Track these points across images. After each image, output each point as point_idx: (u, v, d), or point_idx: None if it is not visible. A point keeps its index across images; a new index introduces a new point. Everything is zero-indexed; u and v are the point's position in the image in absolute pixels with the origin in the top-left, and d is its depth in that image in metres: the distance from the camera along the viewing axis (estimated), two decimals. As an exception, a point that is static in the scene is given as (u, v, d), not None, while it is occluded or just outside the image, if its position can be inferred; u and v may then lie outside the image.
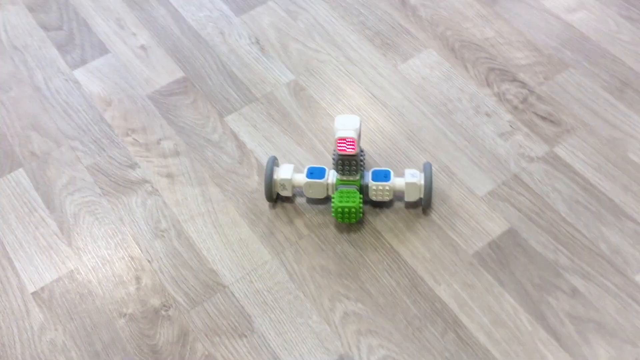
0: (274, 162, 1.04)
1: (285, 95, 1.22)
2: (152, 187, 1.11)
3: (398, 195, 1.06)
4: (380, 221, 1.04)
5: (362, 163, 1.02)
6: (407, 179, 1.02)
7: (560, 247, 1.00)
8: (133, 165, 1.13)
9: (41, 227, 1.07)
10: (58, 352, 0.94)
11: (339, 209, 0.99)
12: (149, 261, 1.03)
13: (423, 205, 1.04)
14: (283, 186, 1.03)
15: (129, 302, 0.98)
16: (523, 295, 0.96)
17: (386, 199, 1.03)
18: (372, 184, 1.01)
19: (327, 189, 1.03)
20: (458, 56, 1.25)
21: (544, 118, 1.15)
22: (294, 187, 1.04)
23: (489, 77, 1.21)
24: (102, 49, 1.31)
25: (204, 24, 1.34)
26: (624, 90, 1.18)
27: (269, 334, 0.94)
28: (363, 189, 1.02)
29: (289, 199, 1.07)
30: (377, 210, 1.06)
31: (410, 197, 1.03)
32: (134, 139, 1.17)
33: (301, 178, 1.03)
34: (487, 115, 1.17)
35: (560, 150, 1.11)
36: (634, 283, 0.96)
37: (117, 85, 1.25)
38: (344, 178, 1.01)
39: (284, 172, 1.03)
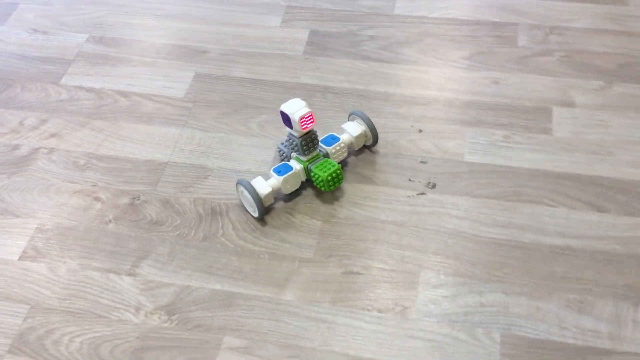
0: (249, 183, 1.05)
1: (93, 47, 1.41)
2: (47, 148, 1.22)
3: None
4: (232, 71, 1.34)
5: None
6: (355, 132, 1.13)
7: (345, 23, 1.43)
8: (16, 147, 1.22)
9: (-22, 223, 1.11)
10: (81, 272, 1.04)
11: (328, 178, 1.06)
12: (94, 185, 1.16)
13: (372, 144, 1.17)
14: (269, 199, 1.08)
15: (105, 213, 1.11)
16: (347, 54, 1.36)
17: (344, 156, 1.14)
18: (330, 149, 1.11)
19: (301, 176, 1.11)
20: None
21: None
22: (274, 192, 1.08)
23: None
24: None
25: (-24, 43, 1.44)
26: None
27: (223, 164, 1.18)
28: (327, 157, 1.11)
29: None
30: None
31: (359, 144, 1.16)
32: (-4, 134, 1.25)
33: (276, 181, 1.08)
34: (242, -13, 1.54)
35: (301, -18, 1.54)
36: (396, 15, 1.44)
37: (-60, 114, 1.29)
38: (309, 157, 1.09)
39: (262, 188, 1.06)
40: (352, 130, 1.15)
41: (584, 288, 0.98)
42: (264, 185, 1.07)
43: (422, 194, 1.11)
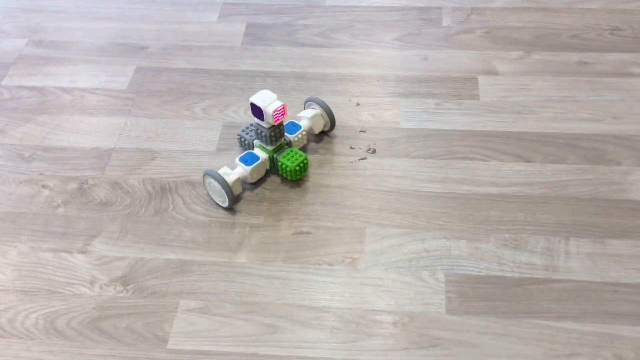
0: (218, 174, 1.05)
1: (33, 50, 1.43)
2: (-9, 144, 1.23)
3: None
4: (173, 64, 1.38)
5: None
6: (314, 118, 1.16)
7: (280, 15, 1.49)
8: (-42, 144, 1.22)
9: None
10: (32, 255, 1.04)
11: (296, 168, 1.09)
12: (41, 174, 1.17)
13: (330, 129, 1.20)
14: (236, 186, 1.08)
15: (53, 199, 1.12)
16: (284, 42, 1.42)
17: (305, 143, 1.17)
18: (292, 137, 1.13)
19: (266, 165, 1.13)
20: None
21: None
22: (241, 181, 1.09)
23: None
24: None
25: None
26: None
27: (170, 146, 1.21)
28: (290, 145, 1.14)
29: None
30: (165, 60, 1.39)
31: (318, 129, 1.19)
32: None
33: (243, 170, 1.09)
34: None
35: (235, -19, 1.60)
36: (328, 5, 1.51)
37: None
38: (274, 146, 1.11)
39: (230, 178, 1.06)
40: (313, 115, 1.17)
41: (518, 228, 1.04)
42: (232, 175, 1.07)
43: (364, 158, 1.17)
